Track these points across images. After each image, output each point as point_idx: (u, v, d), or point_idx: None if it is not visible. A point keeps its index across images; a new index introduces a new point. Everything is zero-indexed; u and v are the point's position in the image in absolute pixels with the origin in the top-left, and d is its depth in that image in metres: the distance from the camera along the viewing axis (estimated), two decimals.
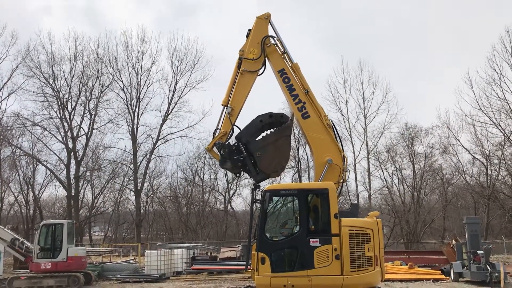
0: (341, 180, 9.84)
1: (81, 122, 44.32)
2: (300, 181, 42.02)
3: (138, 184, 45.46)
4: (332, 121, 10.36)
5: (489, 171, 40.82)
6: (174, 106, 45.72)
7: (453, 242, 23.71)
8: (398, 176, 46.39)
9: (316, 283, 8.50)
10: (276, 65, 10.77)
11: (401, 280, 19.84)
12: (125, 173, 48.07)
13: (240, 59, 10.78)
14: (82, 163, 44.59)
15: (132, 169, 45.99)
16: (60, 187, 45.82)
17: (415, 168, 45.09)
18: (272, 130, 10.47)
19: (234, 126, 10.48)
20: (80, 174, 44.30)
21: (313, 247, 8.61)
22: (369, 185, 46.99)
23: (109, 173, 47.91)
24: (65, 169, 43.72)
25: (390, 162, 46.08)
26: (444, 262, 23.41)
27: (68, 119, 43.48)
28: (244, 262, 11.09)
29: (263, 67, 11.07)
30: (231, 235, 49.20)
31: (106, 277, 23.54)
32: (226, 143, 10.46)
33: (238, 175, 11.04)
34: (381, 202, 47.90)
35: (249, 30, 10.98)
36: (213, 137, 10.72)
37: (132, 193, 47.33)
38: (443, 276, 20.69)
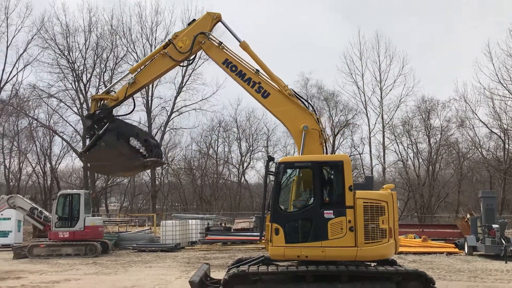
0: (323, 141, 9.76)
1: (96, 93, 44.51)
2: None
3: None
4: (292, 90, 10.14)
5: (506, 145, 40.24)
6: (188, 79, 45.61)
7: (468, 216, 23.62)
8: (413, 150, 46.12)
9: (329, 254, 8.54)
10: (218, 58, 10.44)
11: (414, 253, 19.91)
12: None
13: (170, 41, 10.52)
14: None
15: None
16: (76, 158, 46.49)
17: (431, 142, 44.72)
18: (133, 146, 10.28)
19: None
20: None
21: (327, 219, 8.62)
22: (384, 159, 46.81)
23: None
24: (81, 141, 44.23)
25: (405, 135, 45.73)
26: (458, 236, 23.39)
27: (83, 91, 43.71)
28: (258, 233, 11.18)
29: (187, 62, 10.96)
30: (244, 207, 49.68)
31: (123, 246, 24.07)
32: (105, 108, 10.41)
33: (87, 135, 10.85)
34: (395, 175, 47.78)
35: (194, 20, 10.77)
36: (107, 93, 10.73)
37: None
38: (456, 250, 20.71)
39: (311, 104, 10.19)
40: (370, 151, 47.51)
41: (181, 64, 11.14)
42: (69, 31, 43.45)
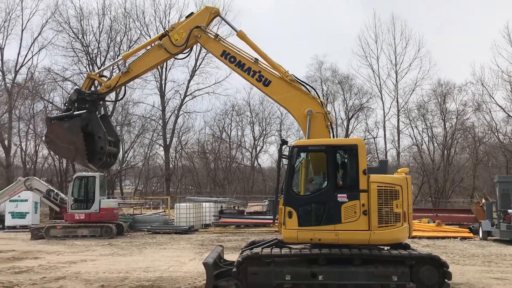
0: (329, 124, 9.68)
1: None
2: None
3: (167, 140, 46.12)
4: (293, 75, 10.03)
5: None
6: (202, 62, 45.47)
7: (483, 200, 23.42)
8: (428, 134, 45.65)
9: (343, 237, 8.55)
10: (216, 50, 10.33)
11: (428, 238, 19.86)
12: (154, 129, 48.81)
13: (166, 32, 10.41)
14: (112, 118, 45.34)
15: (161, 124, 46.58)
16: None
17: (446, 126, 44.19)
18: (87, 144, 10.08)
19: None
20: None
21: (340, 203, 8.60)
22: (398, 143, 46.48)
23: (138, 128, 48.72)
24: None
25: (420, 119, 45.26)
26: (473, 221, 23.24)
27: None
28: (271, 216, 11.22)
29: (182, 55, 10.83)
30: (257, 190, 49.86)
31: (137, 228, 24.42)
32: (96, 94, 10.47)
33: (65, 105, 10.74)
34: (409, 160, 47.42)
35: (192, 13, 10.66)
36: (99, 76, 10.80)
37: (161, 148, 48.20)
38: (471, 235, 20.61)
39: (313, 88, 10.09)
40: (385, 135, 47.23)
41: (176, 57, 11.12)
42: (83, 14, 43.57)
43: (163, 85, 45.41)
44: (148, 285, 9.78)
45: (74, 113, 10.14)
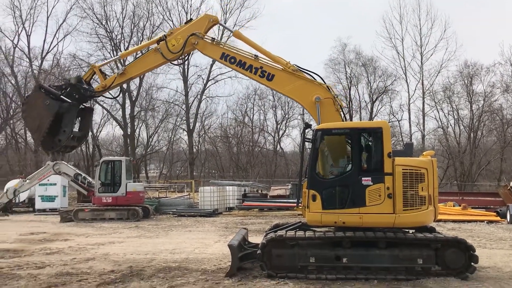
0: (339, 107, 9.61)
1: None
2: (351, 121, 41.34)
3: (190, 124, 46.49)
4: (295, 65, 9.94)
5: None
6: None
7: (511, 184, 22.98)
8: (454, 117, 44.86)
9: (367, 220, 8.54)
10: (215, 54, 10.34)
11: (454, 221, 19.65)
12: (177, 113, 49.26)
13: (164, 37, 10.42)
14: (136, 103, 45.88)
15: (184, 109, 46.92)
16: (117, 126, 47.70)
17: (473, 108, 43.30)
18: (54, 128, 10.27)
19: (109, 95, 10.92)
20: (135, 113, 45.74)
21: (365, 186, 8.57)
22: (423, 126, 45.82)
23: (162, 113, 49.24)
24: (121, 109, 45.22)
25: (446, 102, 44.46)
26: (500, 204, 22.83)
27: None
28: (294, 200, 11.28)
29: (176, 61, 10.99)
30: (280, 174, 49.97)
31: (163, 211, 24.83)
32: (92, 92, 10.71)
33: (63, 85, 10.84)
34: (434, 143, 46.76)
35: (191, 19, 10.70)
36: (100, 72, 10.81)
37: (185, 133, 48.64)
38: (498, 218, 20.30)
39: (317, 74, 10.02)
40: (409, 118, 46.58)
41: (173, 63, 11.19)
42: (106, 0, 43.89)
43: (186, 70, 45.64)
44: (175, 266, 9.99)
45: (62, 96, 10.34)
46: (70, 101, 10.32)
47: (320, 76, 10.05)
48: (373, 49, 75.99)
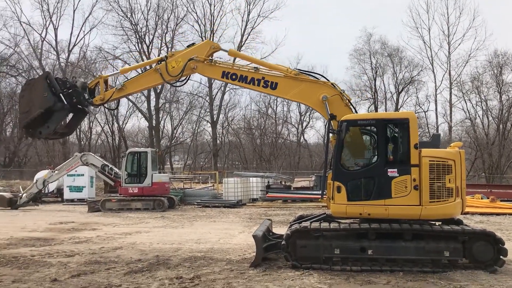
0: (347, 102, 9.50)
1: (158, 55, 45.54)
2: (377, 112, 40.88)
3: (214, 116, 46.74)
4: (296, 69, 9.93)
5: None
6: (247, 37, 45.52)
7: None
8: (482, 108, 43.90)
9: (393, 212, 8.46)
10: (215, 74, 10.33)
11: (481, 214, 19.29)
12: (201, 105, 49.62)
13: (164, 58, 10.42)
14: (161, 95, 46.35)
15: (208, 101, 47.17)
16: (142, 118, 48.39)
17: (502, 99, 42.27)
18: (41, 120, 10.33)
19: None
20: (159, 106, 46.23)
21: (390, 177, 8.47)
22: (450, 117, 44.99)
23: (186, 105, 49.65)
24: (146, 101, 45.77)
25: (474, 92, 43.52)
26: None
27: (147, 52, 44.82)
28: (318, 192, 11.25)
29: (179, 82, 10.87)
30: (303, 166, 49.88)
31: (188, 202, 25.15)
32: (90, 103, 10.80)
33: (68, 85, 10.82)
34: (461, 134, 45.86)
35: (193, 43, 10.68)
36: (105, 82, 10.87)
37: (209, 125, 48.98)
38: None
39: (320, 74, 10.02)
40: (436, 109, 45.82)
41: (174, 85, 11.22)
42: None
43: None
44: (200, 256, 10.12)
45: (62, 94, 10.43)
46: (65, 103, 10.46)
47: (323, 76, 10.05)
48: (399, 39, 74.66)
